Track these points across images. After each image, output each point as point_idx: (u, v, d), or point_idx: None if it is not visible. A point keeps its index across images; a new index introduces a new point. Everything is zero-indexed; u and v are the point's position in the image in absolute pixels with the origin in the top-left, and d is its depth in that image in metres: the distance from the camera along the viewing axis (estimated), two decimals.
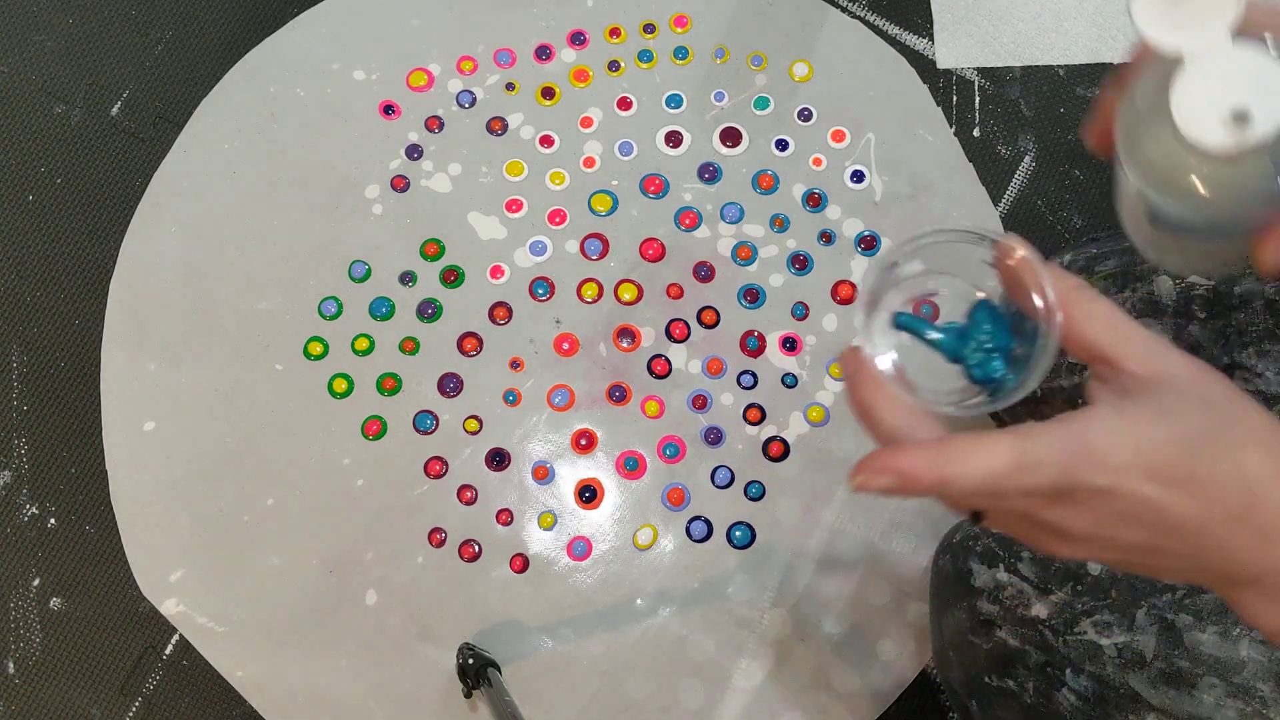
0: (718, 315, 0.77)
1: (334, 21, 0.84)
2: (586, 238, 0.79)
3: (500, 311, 0.78)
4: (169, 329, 0.78)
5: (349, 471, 0.75)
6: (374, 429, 0.76)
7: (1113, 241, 0.63)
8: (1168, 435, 0.29)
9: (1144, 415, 0.30)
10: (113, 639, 0.73)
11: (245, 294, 0.78)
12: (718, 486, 0.74)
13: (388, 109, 0.82)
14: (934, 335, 0.35)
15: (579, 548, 0.73)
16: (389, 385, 0.76)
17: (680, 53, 0.83)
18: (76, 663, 0.73)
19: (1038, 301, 0.32)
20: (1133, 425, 0.29)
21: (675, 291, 0.78)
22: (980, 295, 0.35)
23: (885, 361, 0.35)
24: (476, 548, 0.73)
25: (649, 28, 0.83)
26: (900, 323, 0.35)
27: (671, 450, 0.75)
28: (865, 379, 0.33)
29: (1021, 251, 0.33)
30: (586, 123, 0.82)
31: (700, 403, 0.76)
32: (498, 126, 0.82)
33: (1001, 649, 0.55)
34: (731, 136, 0.81)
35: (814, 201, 0.79)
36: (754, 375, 0.76)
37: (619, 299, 0.78)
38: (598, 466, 0.75)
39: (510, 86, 0.82)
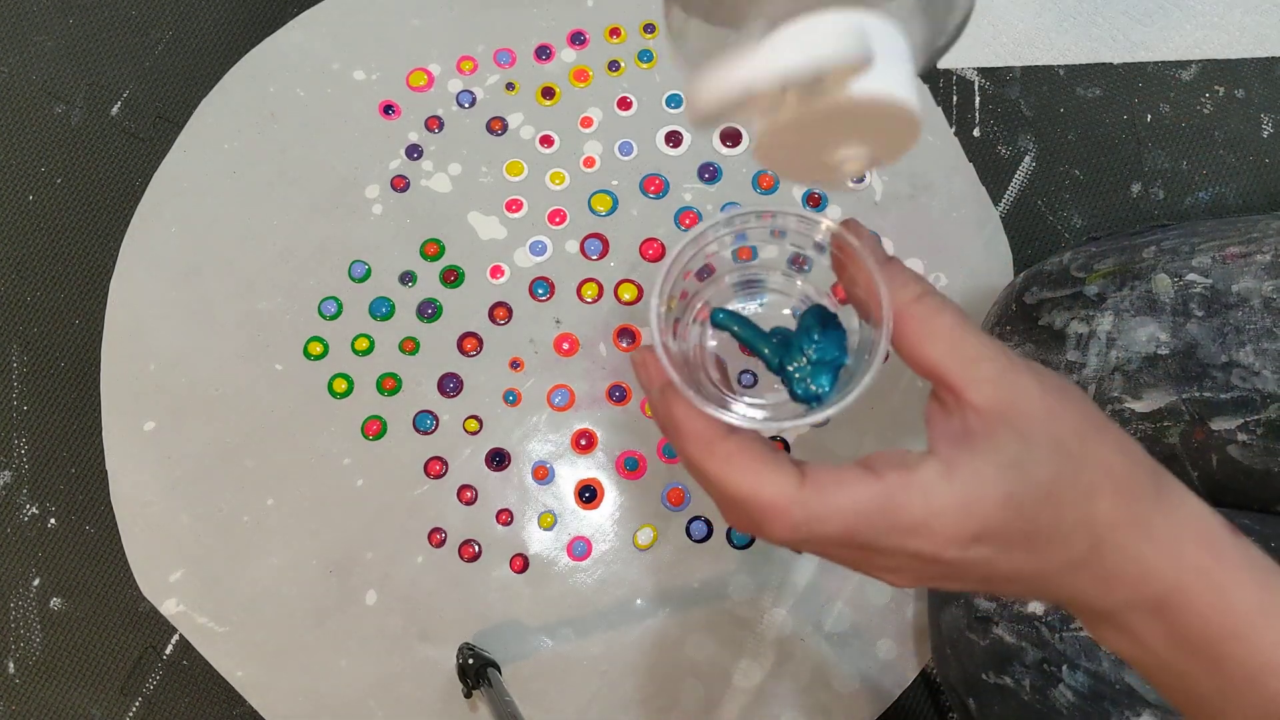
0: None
1: (334, 21, 0.84)
2: (586, 238, 0.79)
3: (500, 311, 0.78)
4: (169, 329, 0.78)
5: (349, 471, 0.75)
6: (374, 429, 0.76)
7: (1112, 240, 0.63)
8: (1003, 495, 0.27)
9: (979, 473, 0.27)
10: (113, 639, 0.73)
11: (245, 294, 0.78)
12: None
13: (388, 109, 0.82)
14: (758, 344, 0.29)
15: (579, 548, 0.73)
16: (389, 385, 0.76)
17: None
18: (76, 663, 0.73)
19: (873, 308, 0.28)
20: (963, 488, 0.27)
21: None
22: (817, 300, 0.30)
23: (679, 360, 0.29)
24: (476, 548, 0.73)
25: (649, 28, 0.83)
26: (717, 321, 0.30)
27: (671, 450, 0.75)
28: (672, 397, 0.29)
29: (855, 243, 0.29)
30: (586, 123, 0.82)
31: None
32: (498, 126, 0.82)
33: (998, 646, 0.55)
34: (731, 136, 0.81)
35: (814, 202, 0.79)
36: (754, 375, 0.76)
37: (619, 299, 0.78)
38: (598, 466, 0.75)
39: (510, 86, 0.82)
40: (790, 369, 0.30)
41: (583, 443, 0.75)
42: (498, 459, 0.75)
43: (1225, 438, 0.54)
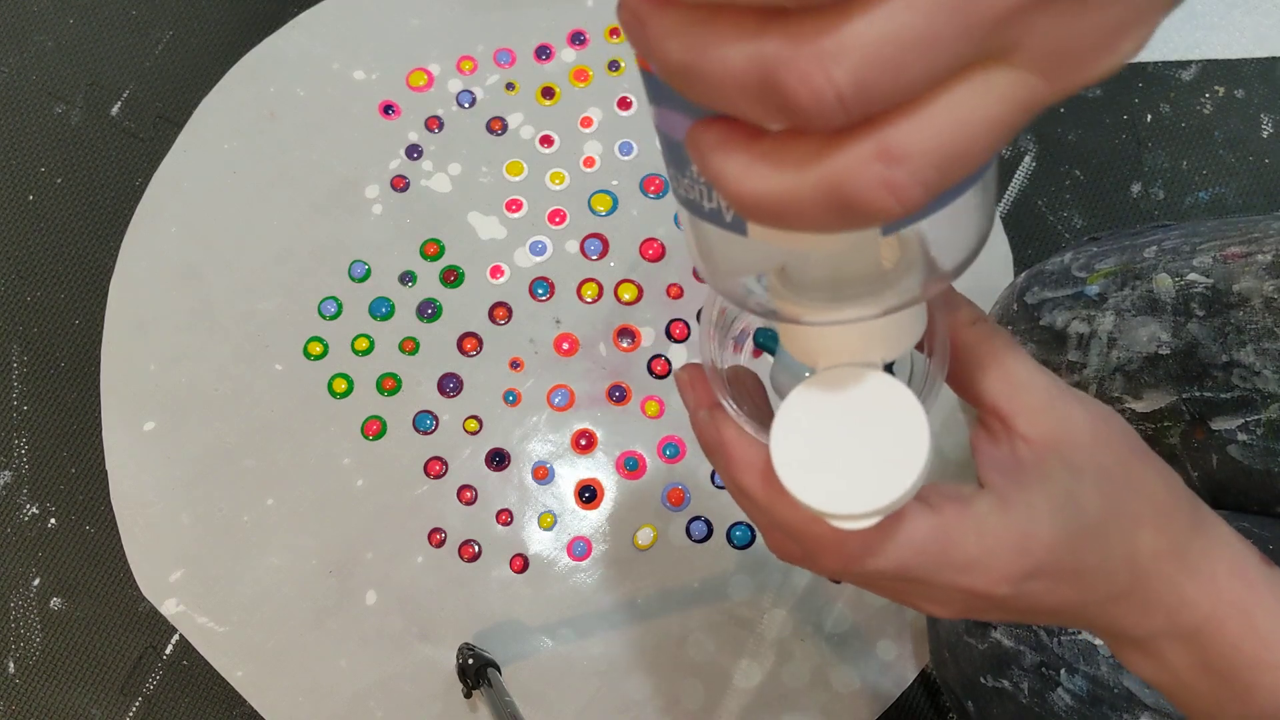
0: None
1: (334, 21, 0.84)
2: (586, 238, 0.79)
3: (500, 311, 0.78)
4: (169, 329, 0.78)
5: (349, 471, 0.75)
6: (374, 429, 0.76)
7: (1113, 240, 0.63)
8: (1059, 533, 0.26)
9: (1035, 509, 0.26)
10: (113, 639, 0.73)
11: (245, 294, 0.78)
12: (718, 486, 0.74)
13: (388, 109, 0.82)
14: (802, 368, 0.28)
15: (579, 548, 0.73)
16: (389, 385, 0.76)
17: None
18: (76, 663, 0.73)
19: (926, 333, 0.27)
20: (1019, 525, 0.26)
21: (675, 291, 0.78)
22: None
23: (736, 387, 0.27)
24: (476, 548, 0.73)
25: None
26: (761, 342, 0.29)
27: (671, 450, 0.75)
28: (721, 420, 0.28)
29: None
30: (586, 123, 0.82)
31: None
32: (498, 126, 0.82)
33: (997, 649, 0.55)
34: None
35: None
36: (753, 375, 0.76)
37: (619, 299, 0.78)
38: (598, 466, 0.75)
39: (510, 86, 0.82)
40: None
41: (583, 443, 0.75)
42: (498, 459, 0.75)
43: (1226, 437, 0.54)
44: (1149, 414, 0.57)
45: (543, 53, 0.83)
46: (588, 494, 0.74)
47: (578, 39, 0.83)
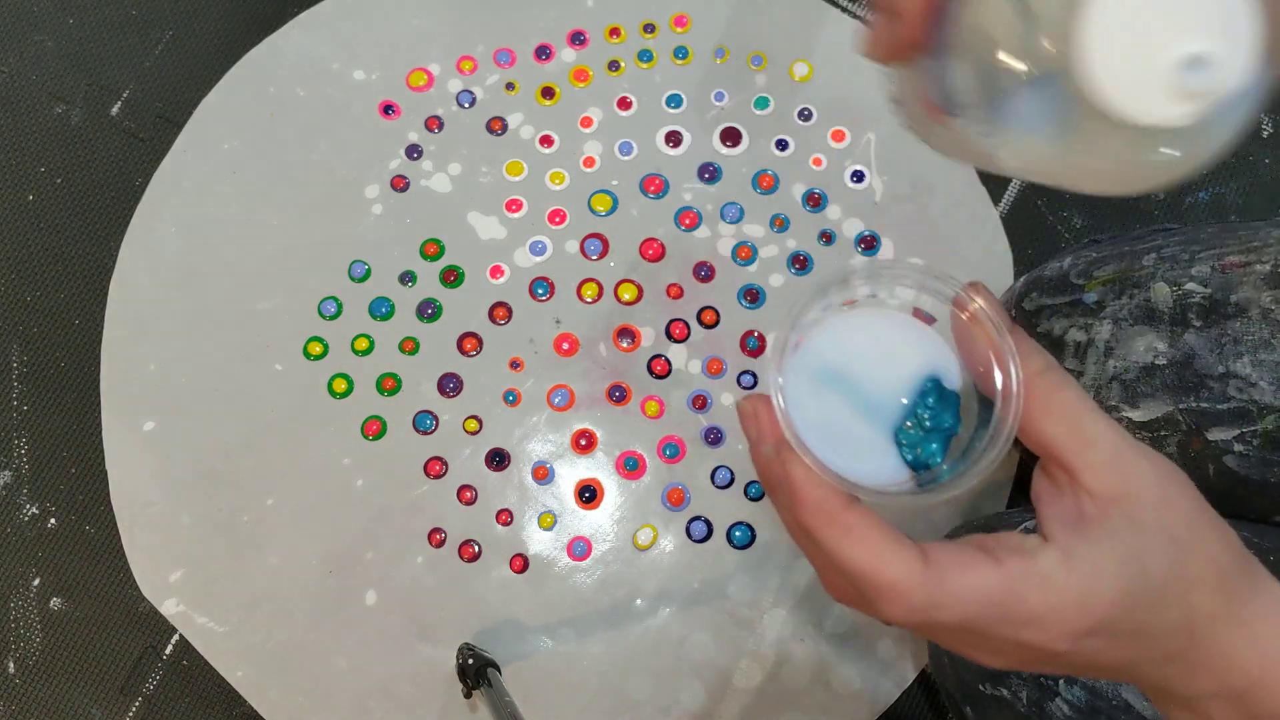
0: (718, 315, 0.77)
1: (334, 21, 0.84)
2: (586, 238, 0.79)
3: (500, 311, 0.78)
4: (169, 329, 0.78)
5: (349, 471, 0.75)
6: (374, 429, 0.76)
7: (1113, 245, 0.63)
8: (1121, 592, 0.26)
9: (1099, 566, 0.26)
10: (113, 639, 0.73)
11: (245, 294, 0.78)
12: (718, 486, 0.74)
13: (388, 109, 0.82)
14: (861, 406, 0.28)
15: (579, 548, 0.73)
16: (389, 385, 0.76)
17: (680, 52, 0.83)
18: (76, 663, 0.73)
19: (997, 379, 0.27)
20: (1083, 582, 0.26)
21: (675, 291, 0.78)
22: (932, 373, 0.29)
23: (804, 428, 0.28)
24: (476, 548, 0.73)
25: (649, 27, 0.83)
26: (827, 376, 0.29)
27: (671, 450, 0.75)
28: (789, 457, 0.28)
29: (985, 311, 0.28)
30: (586, 123, 0.82)
31: (700, 403, 0.76)
32: (498, 126, 0.81)
33: None
34: (731, 136, 0.81)
35: (814, 201, 0.79)
36: (754, 375, 0.76)
37: (619, 299, 0.78)
38: (598, 466, 0.75)
39: (510, 86, 0.82)
40: (900, 434, 0.29)
41: (583, 443, 0.75)
42: (498, 459, 0.75)
43: (1222, 448, 0.54)
44: (1145, 423, 0.57)
45: (543, 53, 0.83)
46: (588, 494, 0.74)
47: (578, 39, 0.83)
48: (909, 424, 0.29)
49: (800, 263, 0.78)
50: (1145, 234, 0.64)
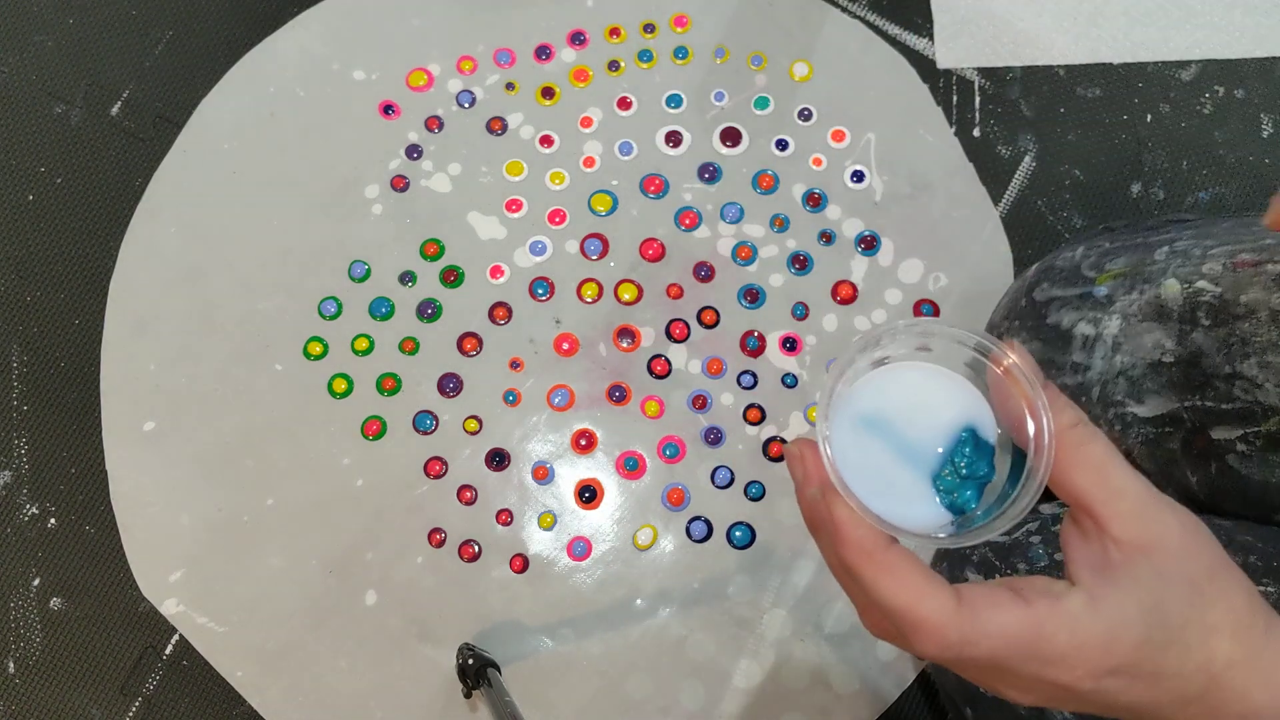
0: (718, 315, 0.77)
1: (334, 21, 0.84)
2: (586, 238, 0.79)
3: (500, 311, 0.78)
4: (169, 329, 0.78)
5: (349, 471, 0.75)
6: (374, 429, 0.76)
7: (1127, 235, 0.62)
8: (1143, 636, 0.28)
9: (1123, 610, 0.28)
10: (113, 639, 0.73)
11: (245, 294, 0.78)
12: (718, 486, 0.74)
13: (388, 109, 0.82)
14: (901, 452, 0.31)
15: (579, 548, 0.73)
16: (389, 385, 0.76)
17: (680, 53, 0.83)
18: (76, 663, 0.73)
19: (1030, 431, 0.29)
20: (1107, 624, 0.28)
21: (675, 291, 0.78)
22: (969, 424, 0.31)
23: (848, 472, 0.29)
24: (476, 548, 0.73)
25: (649, 27, 0.83)
26: (870, 424, 0.31)
27: (671, 450, 0.75)
28: (833, 498, 0.29)
29: (1020, 368, 0.30)
30: (586, 123, 0.82)
31: (700, 403, 0.76)
32: (498, 126, 0.82)
33: None
34: (731, 136, 0.81)
35: (814, 201, 0.79)
36: (754, 375, 0.76)
37: (619, 299, 0.78)
38: (598, 466, 0.75)
39: (510, 86, 0.82)
40: (938, 480, 0.31)
41: (583, 443, 0.75)
42: (498, 459, 0.75)
43: (1225, 447, 0.54)
44: (1150, 419, 0.57)
45: (543, 53, 0.83)
46: (588, 494, 0.74)
47: (578, 39, 0.83)
48: (946, 471, 0.31)
49: (800, 263, 0.78)
50: (1160, 224, 0.63)
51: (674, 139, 0.81)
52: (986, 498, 0.31)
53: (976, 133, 0.81)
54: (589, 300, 0.78)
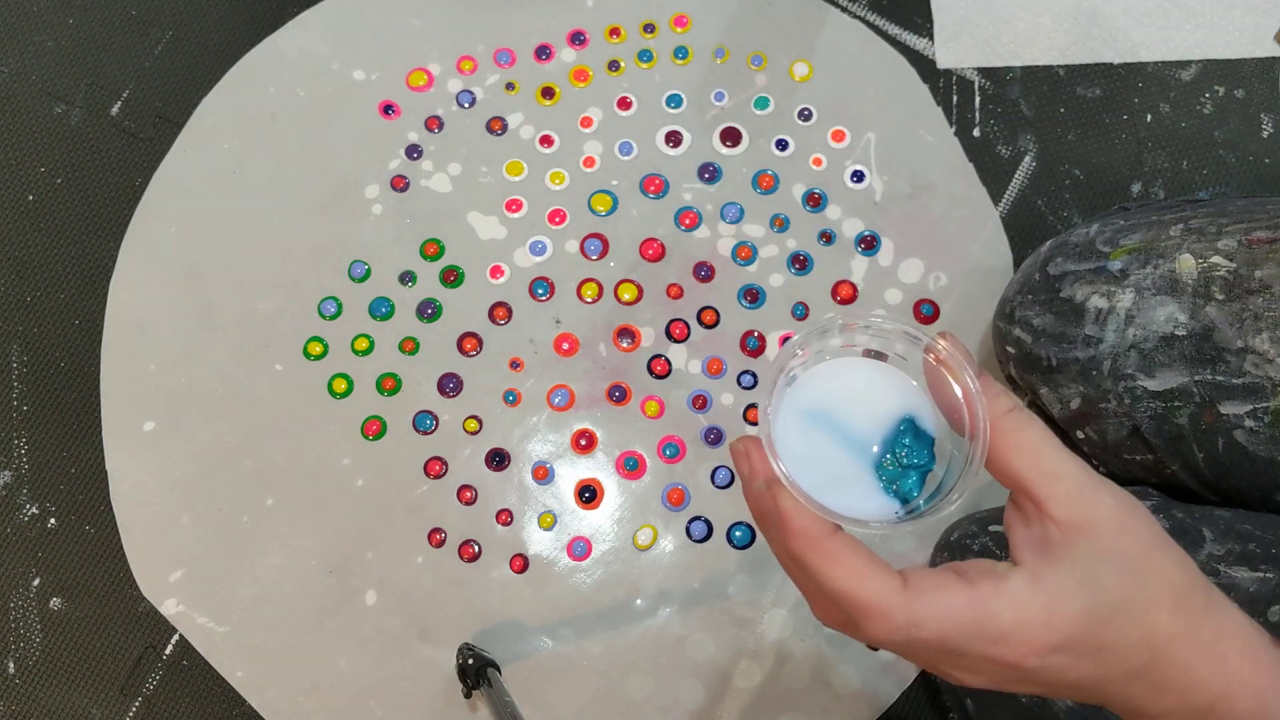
0: (718, 315, 0.77)
1: (334, 21, 0.84)
2: (586, 238, 0.79)
3: (500, 311, 0.78)
4: (169, 329, 0.78)
5: (349, 471, 0.75)
6: (374, 429, 0.76)
7: (1141, 214, 0.63)
8: (1083, 610, 0.29)
9: (1063, 586, 0.29)
10: (113, 639, 0.73)
11: (245, 294, 0.78)
12: (718, 486, 0.74)
13: (388, 109, 0.82)
14: (845, 444, 0.32)
15: (579, 548, 0.73)
16: (389, 385, 0.76)
17: (680, 53, 0.83)
18: (76, 663, 0.73)
19: (964, 416, 0.30)
20: (1048, 601, 0.29)
21: (675, 291, 0.78)
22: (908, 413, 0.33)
23: (792, 466, 0.30)
24: (476, 548, 0.73)
25: (649, 27, 0.83)
26: (812, 418, 0.32)
27: (671, 450, 0.75)
28: (779, 490, 0.30)
29: (953, 356, 0.31)
30: (586, 123, 0.82)
31: (700, 403, 0.76)
32: (498, 126, 0.82)
33: None
34: (731, 136, 0.81)
35: (814, 201, 0.79)
36: (754, 375, 0.76)
37: (619, 299, 0.78)
38: (598, 466, 0.75)
39: (510, 86, 0.82)
40: (880, 470, 0.32)
41: (583, 443, 0.75)
42: (498, 459, 0.75)
43: (1233, 422, 0.54)
44: (1160, 393, 0.57)
45: (543, 53, 0.83)
46: (588, 494, 0.74)
47: (578, 39, 0.83)
48: (888, 461, 0.32)
49: (800, 263, 0.78)
50: (1175, 204, 0.64)
51: (674, 139, 0.81)
52: (929, 486, 0.32)
53: (976, 133, 0.81)
54: (589, 300, 0.78)
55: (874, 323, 0.32)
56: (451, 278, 0.78)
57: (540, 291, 0.78)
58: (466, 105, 0.82)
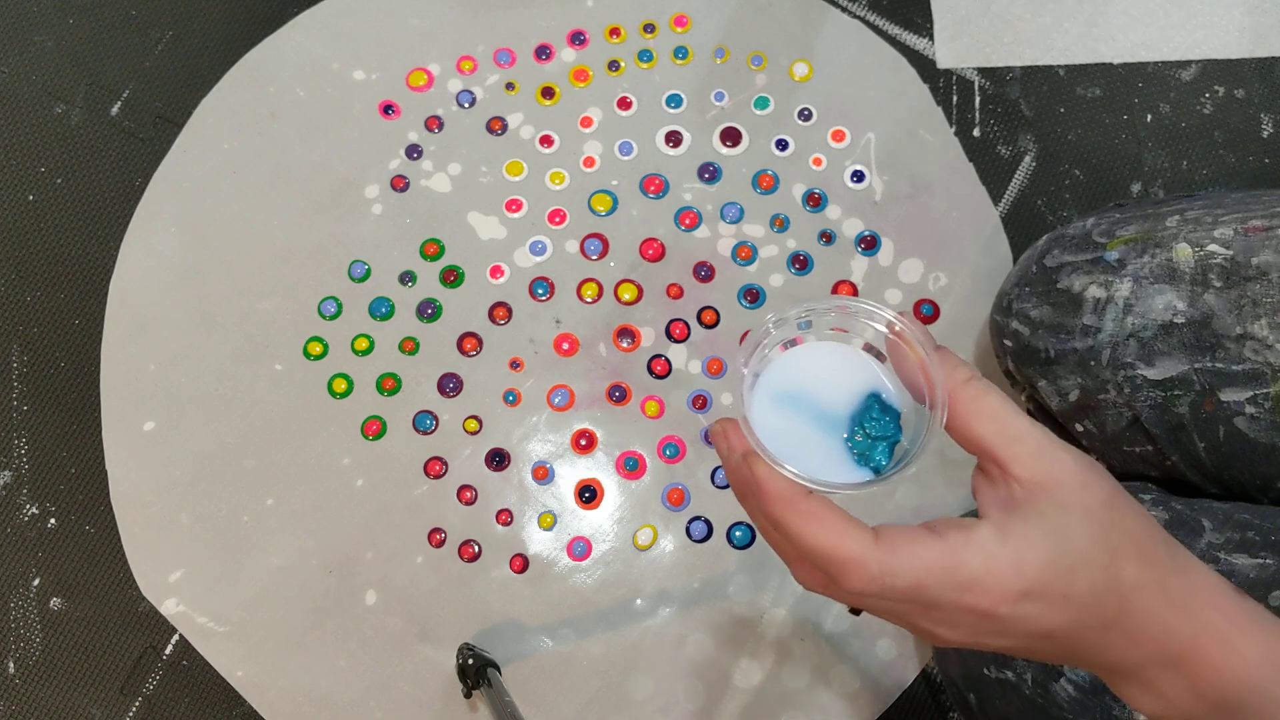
0: (718, 315, 0.77)
1: (334, 21, 0.84)
2: (586, 238, 0.79)
3: (500, 311, 0.78)
4: (169, 329, 0.78)
5: (349, 471, 0.75)
6: (374, 429, 0.76)
7: (1137, 208, 0.63)
8: (1049, 558, 0.30)
9: (1028, 537, 0.30)
10: (113, 639, 0.73)
11: (245, 294, 0.78)
12: (718, 486, 0.74)
13: (388, 109, 0.82)
14: (817, 421, 0.34)
15: (579, 548, 0.73)
16: (389, 385, 0.76)
17: (680, 53, 0.83)
18: (76, 663, 0.73)
19: (924, 386, 0.32)
20: (1015, 550, 0.30)
21: (675, 291, 0.78)
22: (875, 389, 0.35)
23: (768, 440, 0.33)
24: (476, 548, 0.73)
25: (649, 27, 0.83)
26: (785, 398, 0.34)
27: (671, 450, 0.75)
28: (754, 460, 0.32)
29: (911, 331, 0.33)
30: (586, 123, 0.82)
31: (700, 403, 0.76)
32: (497, 126, 0.82)
33: None
34: (731, 136, 0.81)
35: (814, 201, 0.79)
36: (754, 376, 0.76)
37: (619, 299, 0.78)
38: (598, 466, 0.75)
39: (510, 86, 0.82)
40: (850, 443, 0.34)
41: (583, 443, 0.75)
42: (498, 459, 0.75)
43: (1234, 409, 0.55)
44: (1160, 381, 0.57)
45: (543, 53, 0.83)
46: (588, 494, 0.74)
47: (578, 39, 0.83)
48: (857, 434, 0.34)
49: (800, 263, 0.78)
50: (1170, 199, 0.64)
51: (674, 139, 0.81)
52: (897, 455, 0.34)
53: (976, 133, 0.81)
54: (589, 300, 0.78)
55: (833, 303, 0.34)
56: (451, 278, 0.78)
57: (540, 291, 0.78)
58: (466, 105, 0.82)
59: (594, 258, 0.79)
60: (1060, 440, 0.32)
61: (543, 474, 0.75)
